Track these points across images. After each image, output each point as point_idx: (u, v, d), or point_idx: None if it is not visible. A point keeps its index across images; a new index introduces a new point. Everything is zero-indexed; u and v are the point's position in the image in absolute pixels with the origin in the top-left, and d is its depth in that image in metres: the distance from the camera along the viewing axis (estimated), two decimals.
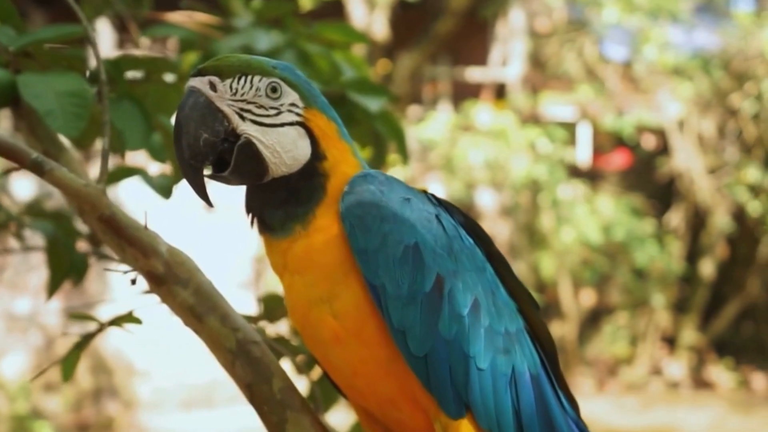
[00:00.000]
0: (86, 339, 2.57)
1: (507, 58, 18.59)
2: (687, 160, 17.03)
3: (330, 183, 1.96)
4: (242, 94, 1.92)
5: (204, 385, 14.62)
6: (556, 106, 17.60)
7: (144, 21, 4.25)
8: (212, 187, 1.95)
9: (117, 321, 2.53)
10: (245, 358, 2.05)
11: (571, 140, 17.42)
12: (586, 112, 17.58)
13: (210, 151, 1.90)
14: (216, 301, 2.06)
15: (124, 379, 14.06)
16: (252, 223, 1.99)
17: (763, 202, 16.80)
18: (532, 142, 15.78)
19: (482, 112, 16.12)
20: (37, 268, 12.87)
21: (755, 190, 16.84)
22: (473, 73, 18.81)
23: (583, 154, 18.04)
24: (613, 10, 16.29)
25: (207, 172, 1.95)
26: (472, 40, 18.81)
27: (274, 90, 1.93)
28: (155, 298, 2.17)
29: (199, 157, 1.90)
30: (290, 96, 1.95)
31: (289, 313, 2.01)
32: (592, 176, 17.65)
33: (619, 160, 18.17)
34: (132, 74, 2.85)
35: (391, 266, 1.87)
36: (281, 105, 1.94)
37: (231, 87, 1.92)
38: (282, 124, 1.94)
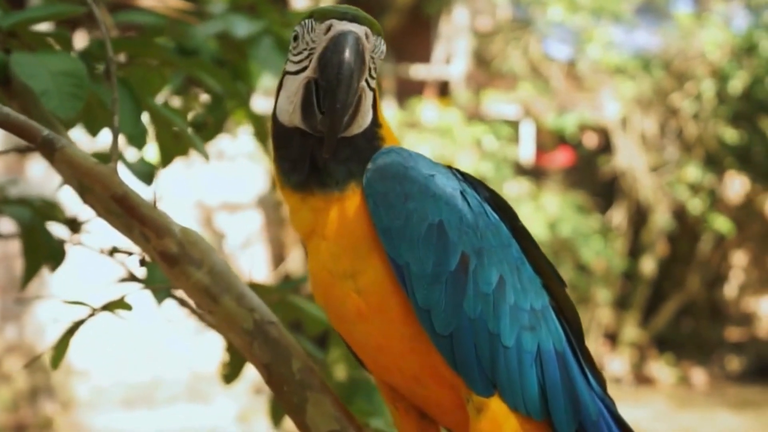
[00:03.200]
0: (77, 325, 2.51)
1: (451, 55, 18.65)
2: (629, 159, 17.25)
3: (383, 146, 1.96)
4: (376, 53, 1.93)
5: (145, 384, 14.46)
6: (500, 104, 17.70)
7: (113, 5, 4.19)
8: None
9: (109, 307, 2.47)
10: (263, 338, 2.02)
11: (515, 138, 17.54)
12: (529, 110, 17.71)
13: (356, 98, 1.89)
14: (231, 280, 2.01)
15: (61, 378, 13.82)
16: (295, 174, 1.93)
17: (702, 200, 17.09)
18: (478, 139, 15.86)
19: (428, 109, 16.16)
20: None
21: (695, 189, 17.13)
22: (417, 71, 18.83)
23: (526, 152, 18.18)
24: (557, 9, 16.43)
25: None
26: (415, 37, 18.83)
27: (382, 53, 1.95)
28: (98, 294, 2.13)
29: (353, 102, 1.88)
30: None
31: (312, 287, 1.99)
32: (535, 174, 17.79)
33: (562, 158, 18.34)
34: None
35: (415, 245, 1.85)
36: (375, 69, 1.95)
37: (376, 44, 1.92)
38: (371, 87, 1.95)
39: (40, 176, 12.56)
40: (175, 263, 1.97)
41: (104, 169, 1.92)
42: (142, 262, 2.22)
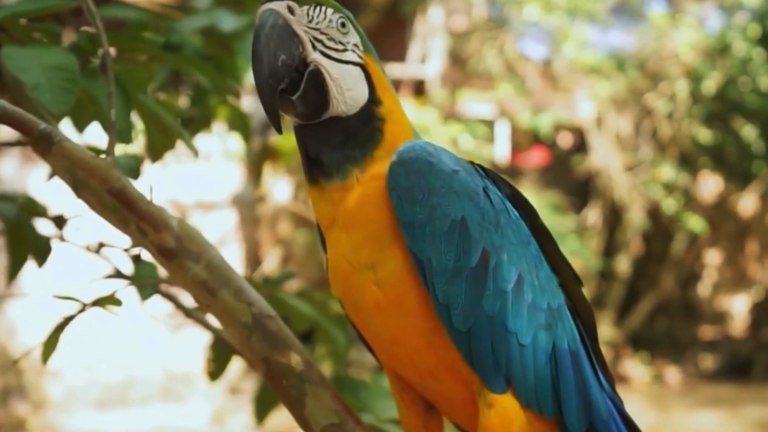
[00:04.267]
0: (67, 320, 2.50)
1: (426, 54, 18.65)
2: (604, 158, 17.32)
3: (387, 128, 1.95)
4: (317, 23, 1.91)
5: (118, 384, 14.40)
6: (475, 104, 17.73)
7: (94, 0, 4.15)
8: None
9: (99, 302, 2.47)
10: (261, 332, 2.02)
11: (491, 137, 17.57)
12: (504, 109, 17.74)
13: (286, 73, 1.86)
14: (229, 275, 2.01)
15: (33, 378, 13.73)
16: (305, 168, 1.95)
17: (676, 199, 17.20)
18: (454, 138, 15.88)
19: (404, 107, 16.14)
20: None
21: (669, 188, 17.23)
22: (392, 70, 18.81)
23: (501, 151, 18.21)
24: (532, 9, 16.48)
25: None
26: (391, 36, 18.82)
27: (343, 25, 1.93)
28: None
29: (277, 76, 1.85)
30: (354, 36, 1.96)
31: (330, 277, 1.98)
32: (511, 173, 17.82)
33: (537, 157, 18.39)
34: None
35: (437, 240, 1.85)
36: (348, 42, 1.94)
37: (308, 14, 1.90)
38: (347, 62, 1.93)
39: (11, 174, 12.49)
40: (173, 257, 1.97)
41: (102, 163, 1.91)
42: (138, 258, 2.21)
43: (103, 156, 1.94)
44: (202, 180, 15.11)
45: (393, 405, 2.95)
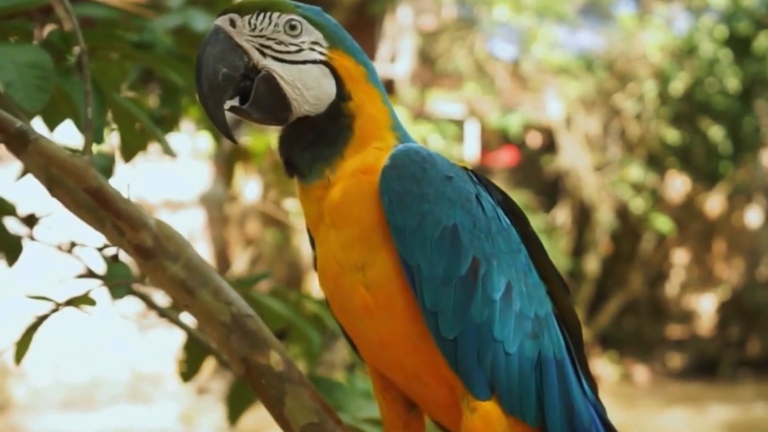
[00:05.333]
0: (40, 320, 2.48)
1: (396, 54, 18.67)
2: (573, 158, 17.40)
3: (357, 124, 1.93)
4: (261, 30, 1.90)
5: (84, 385, 14.29)
6: (445, 103, 17.76)
7: None
8: None
9: (73, 302, 2.45)
10: (241, 331, 2.00)
11: (460, 137, 17.60)
12: (474, 109, 17.78)
13: (229, 85, 1.88)
14: (207, 274, 2.00)
15: None
16: (285, 168, 1.96)
17: (645, 199, 17.31)
18: (424, 138, 15.89)
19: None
20: None
21: (637, 188, 17.34)
22: None
23: (471, 151, 18.25)
24: (502, 9, 16.52)
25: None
26: (360, 35, 18.45)
27: (293, 27, 1.91)
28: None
29: (217, 90, 1.88)
30: (312, 34, 1.92)
31: (318, 277, 1.97)
32: (480, 173, 17.85)
33: (506, 157, 18.45)
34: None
35: (427, 247, 1.84)
36: (302, 42, 1.91)
37: (250, 23, 1.90)
38: (304, 62, 1.91)
39: None
40: (151, 256, 1.95)
41: (79, 162, 1.89)
42: (115, 257, 2.19)
43: (79, 155, 1.92)
44: (170, 179, 15.04)
45: (368, 405, 2.96)
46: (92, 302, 2.45)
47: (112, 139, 2.98)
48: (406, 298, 1.87)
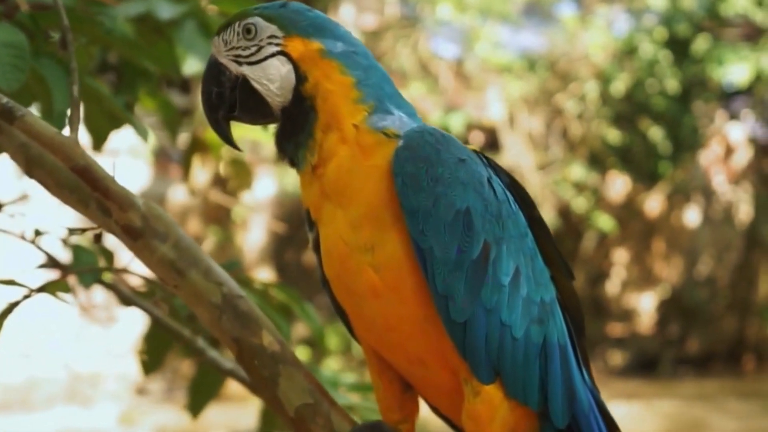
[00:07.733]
0: (12, 306, 2.44)
1: None
2: (516, 157, 17.51)
3: (317, 103, 1.96)
4: (230, 43, 2.01)
5: (20, 385, 14.07)
6: None
7: None
8: None
9: (47, 288, 2.41)
10: (232, 312, 1.99)
11: None
12: (417, 108, 17.72)
13: (220, 102, 2.01)
14: (197, 254, 1.99)
15: None
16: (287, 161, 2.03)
17: (586, 199, 17.48)
18: None
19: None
20: None
21: (579, 188, 17.50)
22: None
23: None
24: (445, 8, 16.57)
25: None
26: None
27: (248, 31, 2.00)
28: None
29: (214, 108, 2.01)
30: (267, 30, 2.00)
31: (324, 257, 1.97)
32: None
33: None
34: None
35: (441, 230, 1.85)
36: (260, 41, 1.99)
37: (224, 40, 2.02)
38: (265, 58, 1.99)
39: None
40: (139, 237, 1.95)
41: (66, 140, 1.87)
42: (98, 238, 2.17)
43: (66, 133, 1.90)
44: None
45: (340, 394, 2.95)
46: (68, 289, 2.43)
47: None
48: (415, 280, 1.88)
